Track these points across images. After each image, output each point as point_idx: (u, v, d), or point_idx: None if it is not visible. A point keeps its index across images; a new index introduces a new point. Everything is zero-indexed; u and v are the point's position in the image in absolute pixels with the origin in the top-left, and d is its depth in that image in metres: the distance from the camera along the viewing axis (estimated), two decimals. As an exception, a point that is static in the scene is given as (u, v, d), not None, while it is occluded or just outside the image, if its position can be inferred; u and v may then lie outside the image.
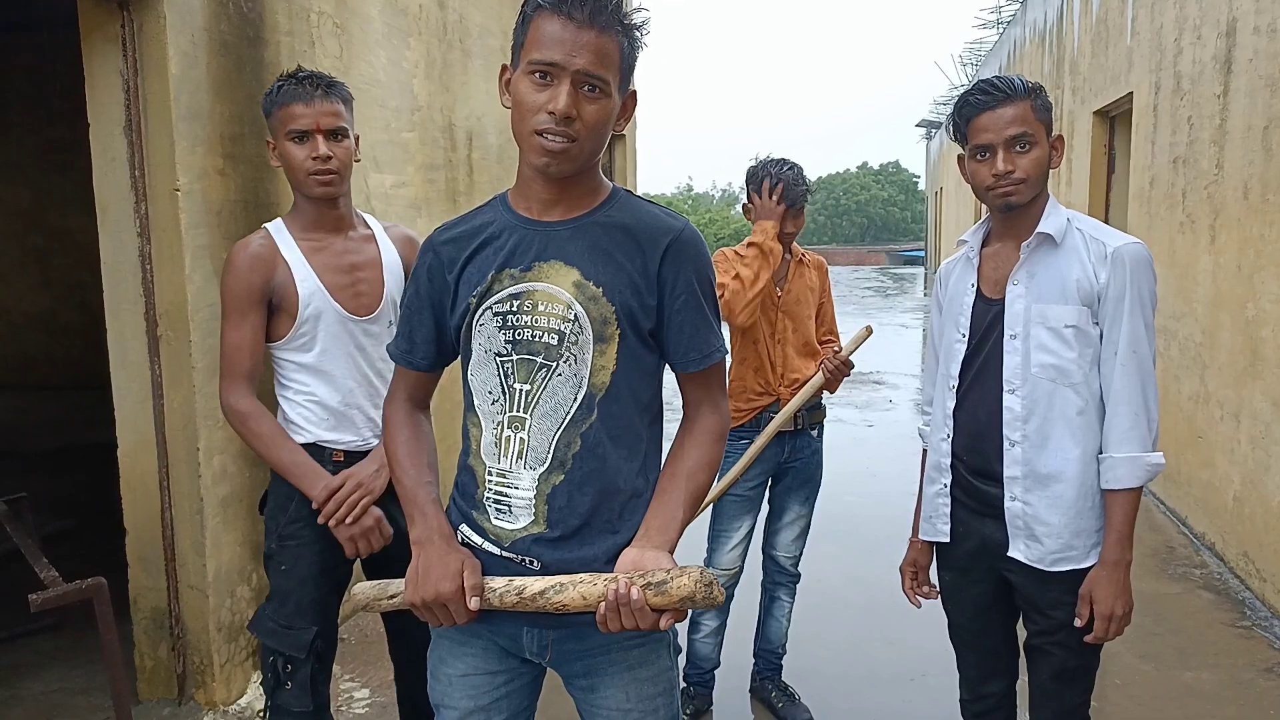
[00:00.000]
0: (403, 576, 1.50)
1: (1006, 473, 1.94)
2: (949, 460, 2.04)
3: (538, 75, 1.37)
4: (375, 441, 2.21)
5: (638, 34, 1.44)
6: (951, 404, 2.03)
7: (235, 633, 3.08)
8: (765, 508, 3.04)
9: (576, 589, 1.39)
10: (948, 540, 2.08)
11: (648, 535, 1.45)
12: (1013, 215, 1.94)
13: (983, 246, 2.05)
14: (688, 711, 3.02)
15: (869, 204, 62.35)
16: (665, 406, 1.57)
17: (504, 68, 1.47)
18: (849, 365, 2.88)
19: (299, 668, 2.15)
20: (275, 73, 3.19)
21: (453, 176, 4.62)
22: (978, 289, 2.01)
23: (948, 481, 2.05)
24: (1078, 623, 1.90)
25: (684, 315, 1.48)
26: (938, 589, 2.19)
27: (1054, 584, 1.93)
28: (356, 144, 2.21)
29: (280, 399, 2.22)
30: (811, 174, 2.96)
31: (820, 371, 2.85)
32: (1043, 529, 1.91)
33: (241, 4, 3.03)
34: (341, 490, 2.09)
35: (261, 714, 3.02)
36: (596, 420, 1.45)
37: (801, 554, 3.08)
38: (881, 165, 65.31)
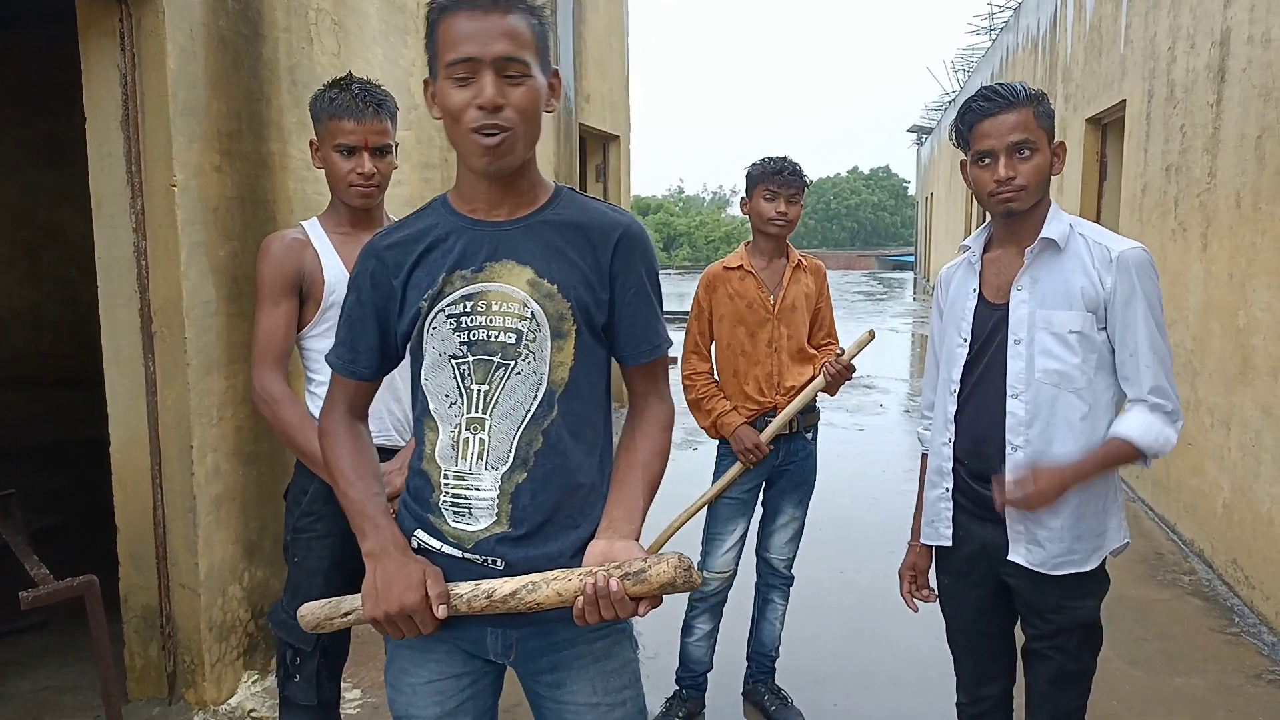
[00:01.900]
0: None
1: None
2: (950, 464, 2.05)
3: (459, 76, 1.37)
4: (396, 437, 2.24)
5: (543, 12, 1.44)
6: (953, 408, 2.03)
7: (226, 632, 3.06)
8: (759, 510, 3.04)
9: (551, 586, 1.38)
10: (949, 544, 2.08)
11: (613, 526, 1.45)
12: (1015, 221, 1.95)
13: (984, 252, 2.06)
14: (680, 715, 3.02)
15: (859, 208, 62.49)
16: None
17: (426, 83, 1.46)
18: (851, 369, 2.86)
19: (306, 661, 2.19)
20: (273, 69, 3.18)
21: (448, 175, 4.61)
22: (980, 294, 2.02)
23: (950, 486, 2.06)
24: (996, 495, 1.88)
25: (635, 308, 1.49)
26: (936, 593, 2.20)
27: (1054, 588, 1.94)
28: (396, 151, 2.24)
29: (306, 394, 2.26)
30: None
31: (822, 375, 2.84)
32: (1044, 533, 1.92)
33: (240, -1, 3.02)
34: None
35: (252, 713, 3.01)
36: (558, 416, 1.45)
37: (795, 556, 3.08)
38: (872, 170, 65.38)
